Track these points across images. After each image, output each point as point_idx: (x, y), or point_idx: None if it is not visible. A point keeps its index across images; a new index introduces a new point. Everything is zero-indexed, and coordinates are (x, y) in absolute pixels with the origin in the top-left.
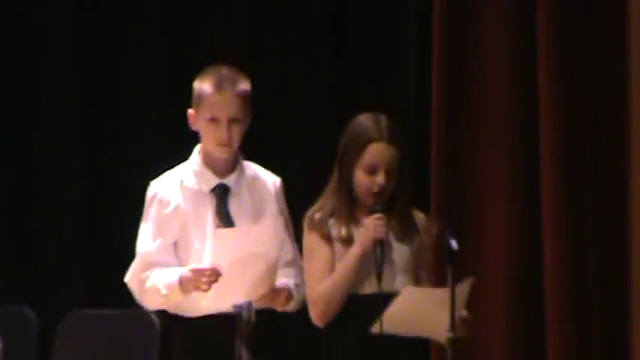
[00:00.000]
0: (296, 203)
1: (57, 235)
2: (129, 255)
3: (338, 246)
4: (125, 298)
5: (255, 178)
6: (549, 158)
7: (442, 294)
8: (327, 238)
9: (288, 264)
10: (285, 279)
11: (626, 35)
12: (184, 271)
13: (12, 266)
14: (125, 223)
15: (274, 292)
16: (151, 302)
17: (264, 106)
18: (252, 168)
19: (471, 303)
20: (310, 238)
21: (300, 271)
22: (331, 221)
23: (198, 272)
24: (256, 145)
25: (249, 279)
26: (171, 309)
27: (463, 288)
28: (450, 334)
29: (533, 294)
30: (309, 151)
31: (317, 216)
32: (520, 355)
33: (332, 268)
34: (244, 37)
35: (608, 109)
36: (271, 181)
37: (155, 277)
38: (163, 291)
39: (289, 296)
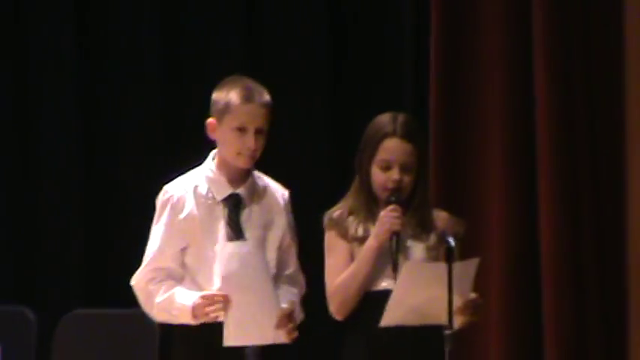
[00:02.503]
0: (300, 216)
1: (56, 235)
2: (128, 255)
3: (355, 245)
4: (125, 298)
5: (266, 190)
6: (546, 155)
7: (444, 267)
8: (345, 236)
9: (289, 278)
10: (284, 300)
11: (623, 34)
12: (199, 295)
13: (11, 266)
14: (125, 223)
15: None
16: (157, 316)
17: None
18: (263, 179)
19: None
20: (329, 236)
21: (299, 286)
22: (350, 219)
23: (208, 298)
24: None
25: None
26: None
27: (468, 268)
28: (448, 332)
29: (530, 286)
30: (311, 163)
31: (335, 214)
32: (517, 344)
33: (350, 265)
34: (243, 48)
35: (605, 106)
36: (280, 193)
37: (167, 294)
38: (174, 312)
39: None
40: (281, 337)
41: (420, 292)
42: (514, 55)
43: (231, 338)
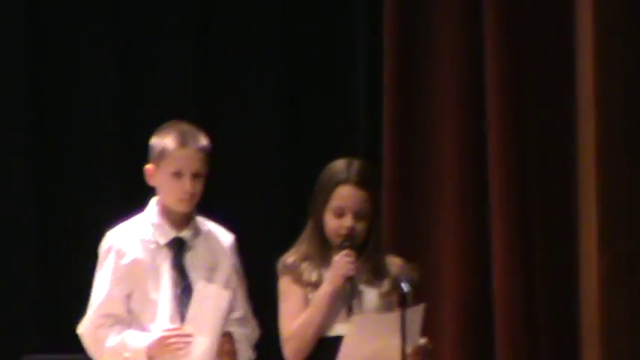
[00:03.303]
0: (249, 259)
1: (8, 279)
2: (80, 299)
3: (309, 290)
4: (76, 343)
5: (209, 233)
6: (500, 201)
7: (393, 318)
8: (299, 281)
9: (239, 321)
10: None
11: (574, 38)
12: (153, 336)
13: None
14: (77, 267)
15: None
16: None
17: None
18: (206, 223)
19: (426, 328)
20: (283, 281)
21: (251, 329)
22: (304, 265)
23: (173, 331)
24: (210, 200)
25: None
26: None
27: (415, 315)
28: None
29: (483, 330)
30: (262, 206)
31: (289, 260)
32: None
33: (304, 309)
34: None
35: (556, 117)
36: (225, 236)
37: (117, 339)
38: (127, 355)
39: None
40: None
41: (370, 344)
42: (468, 99)
43: None
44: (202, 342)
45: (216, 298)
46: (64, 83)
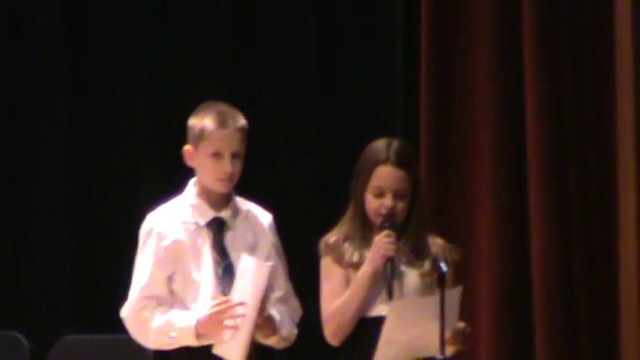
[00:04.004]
0: (287, 239)
1: (49, 261)
2: (121, 280)
3: (351, 270)
4: (117, 323)
5: (249, 213)
6: (537, 177)
7: (432, 302)
8: (341, 262)
9: (280, 300)
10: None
11: (612, 31)
12: (201, 313)
13: (3, 291)
14: (117, 248)
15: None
16: (153, 343)
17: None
18: (245, 203)
19: (463, 312)
20: (325, 262)
21: (293, 308)
22: (346, 245)
23: (222, 304)
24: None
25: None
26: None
27: (453, 297)
28: (441, 357)
29: (523, 303)
30: (298, 186)
31: (331, 240)
32: None
33: (345, 290)
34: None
35: (595, 109)
36: (264, 216)
37: (163, 319)
38: (172, 334)
39: (274, 328)
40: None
41: (410, 329)
42: (505, 75)
43: (218, 347)
44: (245, 315)
45: (257, 271)
46: (99, 66)
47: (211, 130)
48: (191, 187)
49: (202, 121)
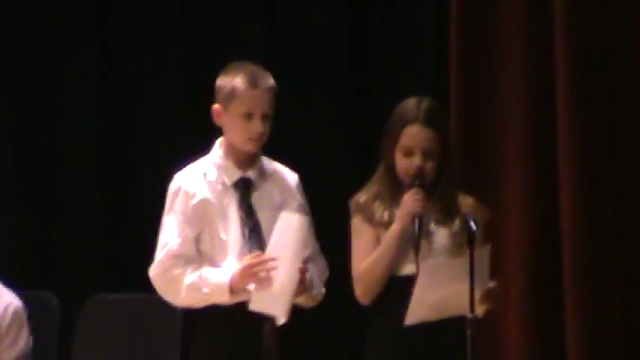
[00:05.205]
0: (312, 200)
1: (77, 221)
2: (149, 239)
3: (381, 230)
4: (147, 283)
5: (275, 173)
6: (566, 141)
7: (462, 263)
8: (371, 221)
9: (309, 259)
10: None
11: None
12: (233, 269)
13: (33, 252)
14: (145, 208)
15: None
16: (185, 299)
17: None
18: (272, 163)
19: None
20: (355, 220)
21: (321, 268)
22: (376, 204)
23: (256, 257)
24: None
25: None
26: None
27: (482, 256)
28: (471, 315)
29: (551, 268)
30: (323, 147)
31: (361, 199)
32: (538, 331)
33: (375, 249)
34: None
35: (626, 102)
36: (290, 176)
37: (194, 275)
38: (205, 290)
39: (304, 286)
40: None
41: (440, 289)
42: (535, 42)
43: (257, 303)
44: (283, 271)
45: (296, 225)
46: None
47: (243, 90)
48: (217, 148)
49: (233, 80)
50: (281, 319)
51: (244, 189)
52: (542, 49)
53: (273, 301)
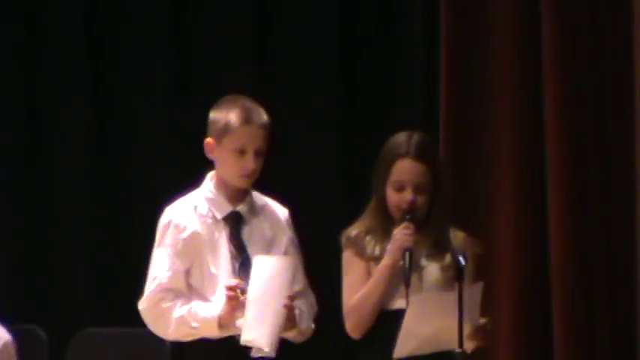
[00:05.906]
0: (302, 235)
1: (67, 254)
2: (139, 273)
3: (372, 264)
4: (136, 316)
5: (265, 207)
6: (557, 173)
7: (452, 297)
8: (362, 255)
9: (299, 294)
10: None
11: (631, 30)
12: (221, 303)
13: (22, 285)
14: (135, 241)
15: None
16: (174, 333)
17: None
18: (262, 198)
19: (484, 307)
20: (346, 254)
21: (310, 303)
22: (367, 238)
23: (234, 288)
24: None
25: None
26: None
27: (474, 293)
28: (459, 350)
29: (540, 305)
30: (315, 182)
31: (352, 233)
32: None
33: (366, 283)
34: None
35: (615, 108)
36: (280, 210)
37: (184, 309)
38: (194, 324)
39: (294, 322)
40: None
41: (430, 322)
42: (524, 72)
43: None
44: (269, 309)
45: (274, 267)
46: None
47: (236, 126)
48: (208, 181)
49: (227, 115)
50: (270, 354)
51: (235, 223)
52: (532, 82)
53: (261, 334)
